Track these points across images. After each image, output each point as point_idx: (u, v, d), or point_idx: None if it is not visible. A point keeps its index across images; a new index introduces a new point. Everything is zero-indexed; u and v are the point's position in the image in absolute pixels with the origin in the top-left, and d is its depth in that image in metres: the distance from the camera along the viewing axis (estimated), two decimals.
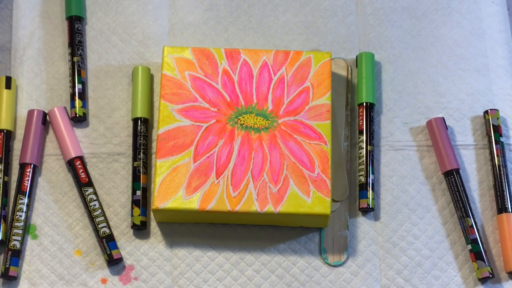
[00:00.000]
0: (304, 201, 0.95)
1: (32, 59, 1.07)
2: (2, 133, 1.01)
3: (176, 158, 0.96)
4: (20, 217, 0.97)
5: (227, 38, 1.09)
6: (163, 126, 0.98)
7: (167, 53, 1.01)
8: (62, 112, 1.02)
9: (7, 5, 1.10)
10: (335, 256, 0.98)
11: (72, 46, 1.06)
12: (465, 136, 1.04)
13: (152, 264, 0.97)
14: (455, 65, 1.07)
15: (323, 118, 0.99)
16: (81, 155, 1.01)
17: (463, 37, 1.09)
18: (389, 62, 1.08)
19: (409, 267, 0.97)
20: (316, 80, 1.01)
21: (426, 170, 1.02)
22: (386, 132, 1.04)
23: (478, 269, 0.96)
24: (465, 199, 0.98)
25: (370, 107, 1.03)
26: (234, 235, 0.99)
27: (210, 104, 0.99)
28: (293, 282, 0.97)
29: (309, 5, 1.10)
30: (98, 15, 1.09)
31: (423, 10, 1.11)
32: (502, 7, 1.11)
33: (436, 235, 0.99)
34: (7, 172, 1.00)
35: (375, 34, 1.09)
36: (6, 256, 0.96)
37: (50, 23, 1.09)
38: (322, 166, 0.96)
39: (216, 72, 1.01)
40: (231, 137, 0.98)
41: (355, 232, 0.99)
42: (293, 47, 1.08)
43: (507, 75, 1.07)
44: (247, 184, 0.95)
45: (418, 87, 1.06)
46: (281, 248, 0.98)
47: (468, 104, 1.05)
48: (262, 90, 1.00)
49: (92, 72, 1.07)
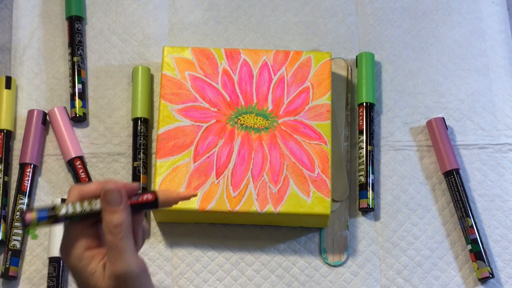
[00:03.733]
0: (304, 201, 0.95)
1: (32, 59, 1.07)
2: (2, 133, 1.01)
3: (176, 158, 0.96)
4: (20, 217, 0.97)
5: (227, 38, 1.09)
6: (163, 126, 0.98)
7: (167, 53, 1.01)
8: (62, 112, 1.02)
9: (7, 5, 1.10)
10: (335, 256, 0.98)
11: (72, 46, 1.06)
12: (465, 136, 1.04)
13: (152, 264, 0.97)
14: (455, 65, 1.07)
15: (323, 118, 0.99)
16: (81, 155, 1.01)
17: (463, 37, 1.09)
18: (389, 62, 1.08)
19: (409, 267, 0.97)
20: (316, 80, 1.01)
21: (426, 170, 1.02)
22: (386, 132, 1.04)
23: (478, 269, 0.96)
24: (465, 199, 0.98)
25: (370, 107, 1.03)
26: (234, 235, 0.99)
27: (210, 104, 0.99)
28: (293, 282, 0.97)
29: (309, 5, 1.10)
30: (98, 15, 1.09)
31: (423, 10, 1.11)
32: (502, 7, 1.11)
33: (436, 235, 0.99)
34: (7, 172, 1.00)
35: (375, 34, 1.09)
36: (6, 256, 0.96)
37: (50, 23, 1.09)
38: (322, 166, 0.96)
39: (216, 72, 1.01)
40: (231, 137, 0.98)
41: (355, 232, 0.99)
42: (293, 47, 1.08)
43: (507, 75, 1.07)
44: (247, 184, 0.95)
45: (418, 87, 1.06)
46: (281, 248, 0.98)
47: (468, 104, 1.05)
48: (262, 90, 1.00)
49: (92, 72, 1.07)
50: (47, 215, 0.73)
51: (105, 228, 0.72)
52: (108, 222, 0.72)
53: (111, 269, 0.72)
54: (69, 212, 0.73)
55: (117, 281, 0.73)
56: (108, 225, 0.72)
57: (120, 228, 0.72)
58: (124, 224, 0.72)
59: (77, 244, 0.74)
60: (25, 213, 0.73)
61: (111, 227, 0.72)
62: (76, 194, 0.74)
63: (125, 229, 0.72)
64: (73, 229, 0.74)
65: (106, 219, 0.72)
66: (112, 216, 0.72)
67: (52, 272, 0.94)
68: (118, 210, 0.72)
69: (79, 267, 0.74)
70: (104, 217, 0.72)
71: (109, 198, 0.72)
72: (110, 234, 0.72)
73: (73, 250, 0.74)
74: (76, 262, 0.74)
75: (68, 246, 0.74)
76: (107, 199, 0.72)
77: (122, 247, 0.72)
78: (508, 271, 0.97)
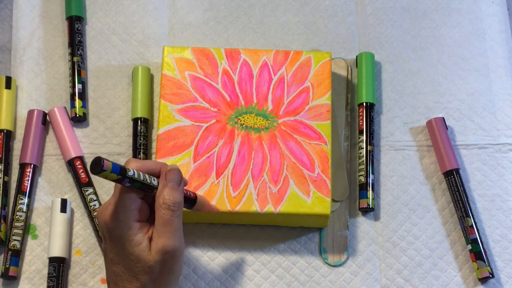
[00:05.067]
0: (304, 201, 0.95)
1: (32, 59, 1.07)
2: (2, 133, 1.01)
3: (176, 158, 0.96)
4: (20, 217, 0.97)
5: (227, 38, 1.09)
6: (163, 126, 0.98)
7: (167, 53, 1.01)
8: (62, 112, 1.02)
9: (7, 5, 1.10)
10: (335, 256, 0.98)
11: (72, 46, 1.06)
12: (465, 136, 1.04)
13: None
14: (455, 65, 1.07)
15: (323, 118, 0.99)
16: (81, 155, 1.01)
17: (463, 37, 1.09)
18: (389, 62, 1.08)
19: (409, 267, 0.97)
20: (316, 80, 1.01)
21: (426, 170, 1.02)
22: (386, 132, 1.04)
23: (478, 269, 0.96)
24: (465, 199, 0.98)
25: (370, 107, 1.03)
26: (234, 235, 0.99)
27: (210, 104, 0.99)
28: (293, 282, 0.97)
29: (309, 5, 1.10)
30: (98, 15, 1.09)
31: (423, 10, 1.11)
32: (502, 7, 1.11)
33: (436, 235, 0.99)
34: (7, 172, 1.00)
35: (375, 34, 1.09)
36: (6, 256, 0.96)
37: (50, 23, 1.09)
38: (322, 166, 0.96)
39: (216, 72, 1.01)
40: (231, 137, 0.98)
41: (355, 232, 0.99)
42: (293, 47, 1.08)
43: (507, 75, 1.07)
44: (247, 184, 0.95)
45: (418, 87, 1.06)
46: (281, 248, 0.98)
47: (468, 104, 1.05)
48: (262, 90, 1.00)
49: (92, 72, 1.07)
50: (119, 169, 0.77)
51: (163, 204, 0.76)
52: (167, 199, 0.76)
53: (162, 243, 0.77)
54: (135, 176, 0.77)
55: (165, 256, 0.78)
56: (167, 202, 0.76)
57: (179, 206, 0.77)
58: (182, 204, 0.77)
59: (130, 212, 0.78)
60: (103, 160, 0.75)
61: (170, 203, 0.76)
62: (134, 166, 0.77)
63: (181, 209, 0.77)
64: (129, 197, 0.77)
65: (166, 196, 0.76)
66: (173, 194, 0.77)
67: (52, 272, 0.94)
68: (178, 190, 0.78)
69: (126, 235, 0.78)
70: (163, 194, 0.77)
71: (172, 177, 0.77)
72: (168, 210, 0.76)
73: (125, 217, 0.77)
74: (126, 229, 0.78)
75: (120, 212, 0.78)
76: (170, 177, 0.76)
77: (177, 225, 0.77)
78: (508, 271, 0.97)
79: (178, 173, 0.81)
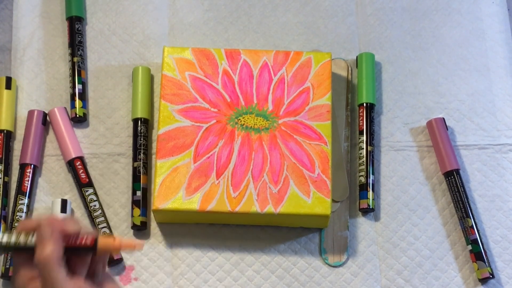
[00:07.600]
0: (304, 202, 0.95)
1: (32, 59, 1.07)
2: (2, 134, 1.01)
3: (176, 158, 0.96)
4: (20, 217, 0.97)
5: (227, 39, 1.09)
6: (163, 127, 0.98)
7: (167, 53, 1.01)
8: (62, 112, 1.02)
9: (7, 5, 1.10)
10: (335, 257, 0.98)
11: (72, 47, 1.06)
12: (465, 137, 1.04)
13: (152, 264, 0.97)
14: (455, 65, 1.07)
15: (323, 119, 0.99)
16: (81, 155, 1.01)
17: (463, 37, 1.09)
18: (389, 62, 1.08)
19: (409, 268, 0.97)
20: (316, 80, 1.01)
21: (426, 171, 1.02)
22: (386, 133, 1.04)
23: (478, 269, 0.96)
24: (465, 200, 0.98)
25: (370, 107, 1.03)
26: (234, 236, 0.99)
27: (210, 104, 0.99)
28: (293, 282, 0.97)
29: (309, 6, 1.10)
30: (98, 16, 1.09)
31: (423, 10, 1.11)
32: (502, 7, 1.11)
33: (436, 235, 0.99)
34: (7, 172, 1.00)
35: (375, 34, 1.09)
36: (6, 256, 0.96)
37: (50, 23, 1.09)
38: (322, 167, 0.96)
39: (216, 73, 1.01)
40: (231, 138, 0.98)
41: (355, 232, 0.99)
42: (293, 47, 1.08)
43: (507, 75, 1.07)
44: (247, 185, 0.95)
45: (418, 87, 1.06)
46: (281, 249, 0.98)
47: (468, 104, 1.05)
48: (262, 90, 1.00)
49: (92, 72, 1.07)
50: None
51: (36, 260, 0.73)
52: (38, 254, 0.73)
53: None
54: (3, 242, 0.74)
55: None
56: (38, 257, 0.73)
57: (49, 260, 0.73)
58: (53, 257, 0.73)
59: (21, 273, 0.75)
60: None
61: (40, 258, 0.73)
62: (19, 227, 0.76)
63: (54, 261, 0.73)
64: (18, 258, 0.76)
65: (36, 252, 0.73)
66: (41, 248, 0.73)
67: None
68: (47, 243, 0.73)
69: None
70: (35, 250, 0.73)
71: (41, 232, 0.74)
72: (39, 265, 0.73)
73: (18, 279, 0.75)
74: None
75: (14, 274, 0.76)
76: (39, 233, 0.74)
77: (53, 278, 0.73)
78: (508, 271, 0.97)
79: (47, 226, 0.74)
